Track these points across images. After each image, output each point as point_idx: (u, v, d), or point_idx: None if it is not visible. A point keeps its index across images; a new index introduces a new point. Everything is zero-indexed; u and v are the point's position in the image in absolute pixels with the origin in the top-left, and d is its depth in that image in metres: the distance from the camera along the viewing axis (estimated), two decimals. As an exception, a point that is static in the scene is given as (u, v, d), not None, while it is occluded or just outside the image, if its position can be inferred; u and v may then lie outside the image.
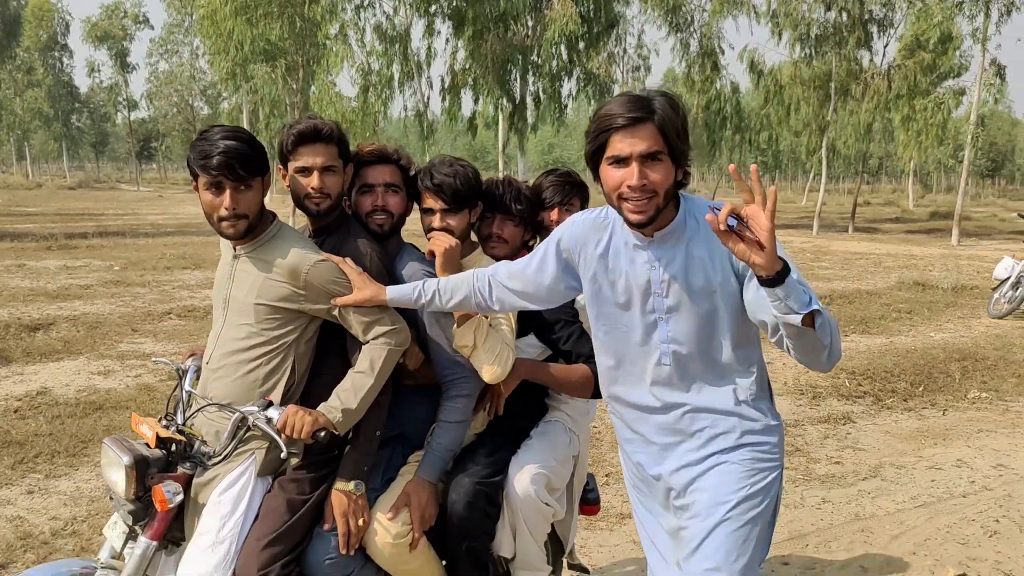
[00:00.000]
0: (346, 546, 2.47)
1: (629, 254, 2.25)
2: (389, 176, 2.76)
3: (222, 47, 25.72)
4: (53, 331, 9.03)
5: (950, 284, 13.60)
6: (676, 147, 2.07)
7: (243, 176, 2.39)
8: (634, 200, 2.07)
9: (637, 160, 2.05)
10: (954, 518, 4.69)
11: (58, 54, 59.76)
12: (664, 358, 2.27)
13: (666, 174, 2.07)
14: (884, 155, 70.28)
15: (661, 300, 2.22)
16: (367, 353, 2.51)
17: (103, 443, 2.42)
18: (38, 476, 4.98)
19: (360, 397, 2.46)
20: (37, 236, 18.53)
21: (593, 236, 2.32)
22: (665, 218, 2.17)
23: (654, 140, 2.05)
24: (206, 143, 2.39)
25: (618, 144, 2.07)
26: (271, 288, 2.50)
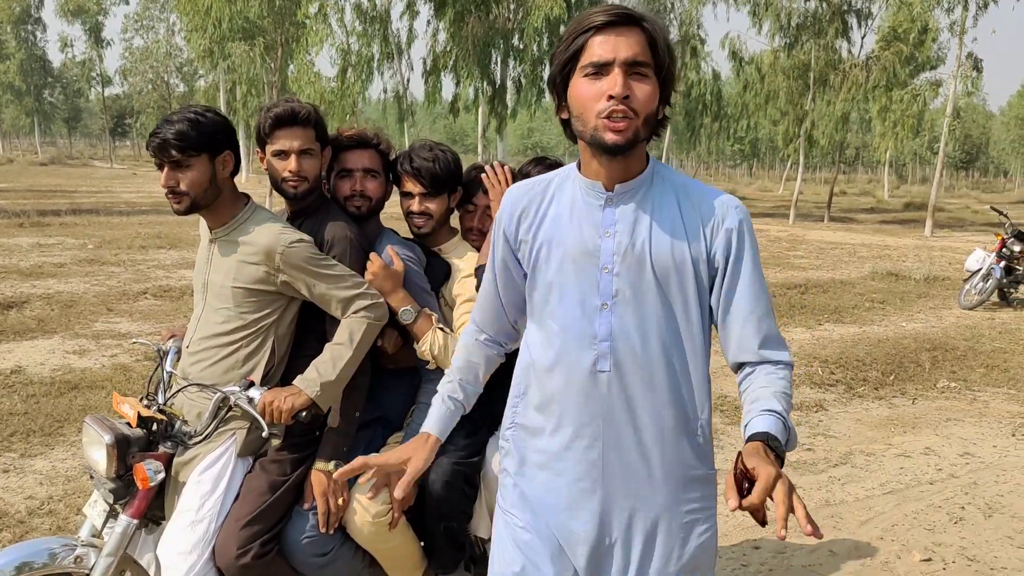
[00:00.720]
0: (325, 525, 2.51)
1: (577, 217, 1.82)
2: (368, 161, 2.77)
3: (199, 24, 25.43)
4: (27, 309, 8.95)
5: (922, 275, 13.79)
6: (664, 65, 1.72)
7: (175, 156, 2.41)
8: (613, 116, 1.67)
9: (621, 67, 1.67)
10: (921, 505, 4.79)
11: (31, 27, 58.77)
12: (602, 361, 1.80)
13: (651, 95, 1.70)
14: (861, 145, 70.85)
15: (609, 279, 1.78)
16: (345, 326, 2.54)
17: (84, 421, 2.43)
18: (13, 455, 4.96)
19: (339, 368, 2.48)
20: (8, 213, 18.28)
21: (533, 202, 1.91)
22: (634, 167, 1.79)
23: (642, 48, 1.69)
24: (156, 128, 2.45)
25: (598, 48, 1.69)
26: (247, 271, 2.51)
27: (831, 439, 5.89)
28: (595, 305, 1.79)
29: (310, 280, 2.50)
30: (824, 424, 6.21)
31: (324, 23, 24.97)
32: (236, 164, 2.57)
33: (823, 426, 6.16)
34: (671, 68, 1.74)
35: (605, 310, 1.79)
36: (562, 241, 1.83)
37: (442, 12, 24.65)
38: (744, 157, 73.36)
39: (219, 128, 2.48)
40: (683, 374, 1.81)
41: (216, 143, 2.47)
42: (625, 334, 1.78)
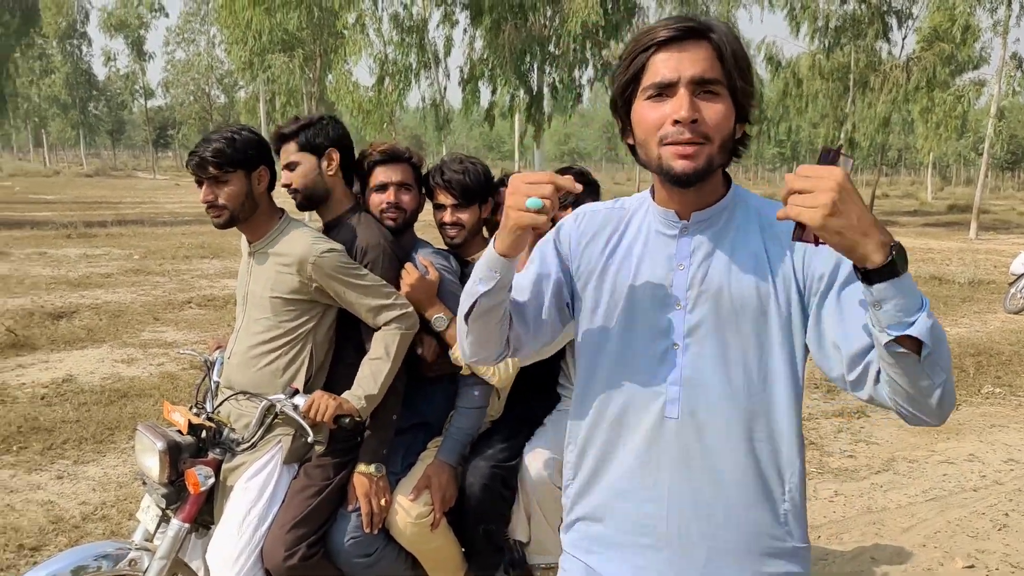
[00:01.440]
0: (369, 525, 2.59)
1: (649, 249, 1.64)
2: (401, 175, 2.86)
3: (240, 36, 25.83)
4: (76, 319, 9.18)
5: (967, 278, 13.57)
6: (737, 83, 1.52)
7: (212, 173, 2.54)
8: (679, 142, 1.48)
9: (687, 86, 1.49)
10: (964, 511, 4.74)
11: (77, 42, 60.07)
12: (670, 407, 1.59)
13: (725, 114, 1.50)
14: (903, 147, 69.81)
15: (682, 315, 1.59)
16: (380, 340, 2.62)
17: (136, 429, 2.52)
18: (67, 462, 5.11)
19: (380, 382, 2.57)
20: (56, 224, 18.73)
21: (607, 227, 1.72)
22: (712, 192, 1.60)
23: (711, 63, 1.50)
24: (194, 147, 2.59)
25: (661, 67, 1.50)
26: (283, 280, 2.61)
27: (873, 445, 5.84)
28: (665, 345, 1.60)
29: (341, 288, 2.59)
30: (866, 431, 6.16)
31: (362, 33, 25.24)
32: (272, 179, 2.68)
33: (865, 432, 6.11)
34: (746, 81, 1.54)
35: (676, 350, 1.59)
36: (634, 271, 1.64)
37: (479, 20, 24.80)
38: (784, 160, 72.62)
39: (253, 145, 2.61)
40: (767, 426, 1.57)
41: (251, 159, 2.59)
42: (699, 378, 1.57)
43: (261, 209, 2.66)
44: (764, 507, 1.58)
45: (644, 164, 1.57)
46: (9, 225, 18.96)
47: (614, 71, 1.59)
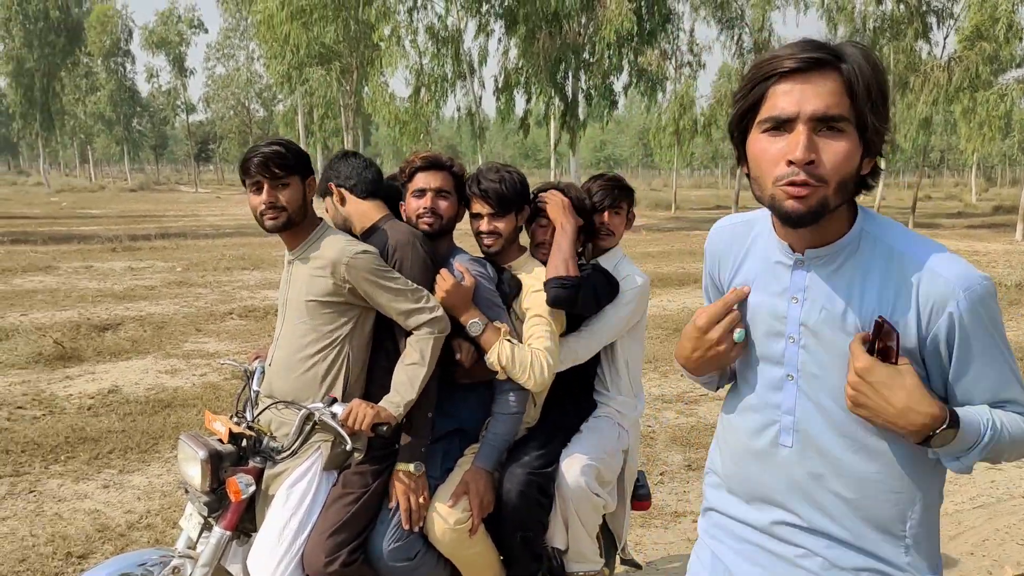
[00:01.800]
0: (408, 522, 2.61)
1: (767, 276, 1.62)
2: (440, 181, 2.89)
3: (278, 51, 26.23)
4: (121, 331, 9.35)
5: (1014, 281, 13.30)
6: (866, 118, 1.41)
7: (278, 174, 2.59)
8: (794, 184, 1.40)
9: (806, 123, 1.39)
10: (1014, 519, 4.64)
11: (121, 59, 61.28)
12: (784, 437, 1.59)
13: (848, 154, 1.40)
14: (946, 148, 68.67)
15: (795, 350, 1.56)
16: (415, 345, 2.65)
17: (179, 439, 2.57)
18: (112, 471, 5.20)
19: (417, 387, 2.61)
20: (102, 238, 19.11)
21: (732, 247, 1.72)
22: (831, 230, 1.52)
23: (837, 98, 1.39)
24: (248, 153, 2.63)
25: (781, 99, 1.41)
26: (317, 284, 2.65)
27: (918, 452, 5.74)
28: (780, 375, 1.59)
29: (373, 290, 2.62)
30: (910, 436, 6.05)
31: (398, 45, 25.48)
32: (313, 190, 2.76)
33: (909, 438, 6.01)
34: (879, 116, 1.42)
35: (791, 381, 1.58)
36: (752, 298, 1.64)
37: (513, 30, 24.91)
38: (823, 163, 71.75)
39: (303, 155, 2.70)
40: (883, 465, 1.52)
41: (305, 167, 2.68)
42: (812, 410, 1.55)
43: (308, 216, 2.72)
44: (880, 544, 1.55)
45: (758, 198, 1.51)
46: (57, 240, 19.39)
47: (734, 95, 1.51)
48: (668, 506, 4.77)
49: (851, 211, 1.52)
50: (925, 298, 1.44)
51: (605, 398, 3.10)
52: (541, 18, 23.84)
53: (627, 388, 3.10)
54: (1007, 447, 1.45)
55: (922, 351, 1.48)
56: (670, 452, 5.62)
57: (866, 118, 1.40)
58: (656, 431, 6.05)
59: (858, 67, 1.39)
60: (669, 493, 4.94)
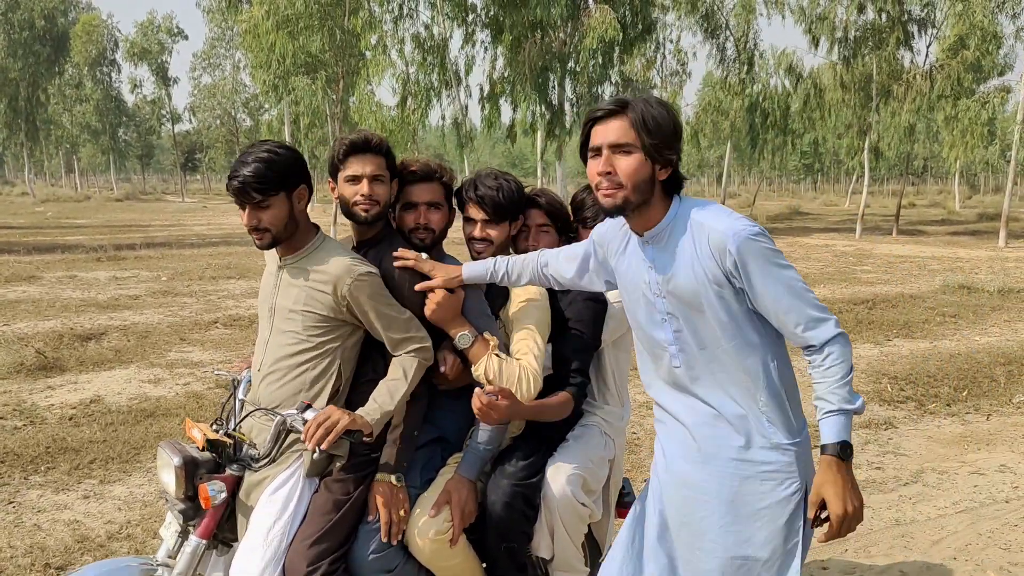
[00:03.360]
0: (387, 534, 2.57)
1: (637, 254, 2.32)
2: (432, 194, 2.86)
3: (264, 60, 26.13)
4: (104, 341, 9.29)
5: (996, 287, 13.39)
6: (647, 143, 2.13)
7: (256, 198, 2.52)
8: (603, 188, 2.17)
9: (608, 148, 2.16)
10: (996, 523, 4.65)
11: (106, 69, 61.07)
12: (674, 359, 2.29)
13: (636, 166, 2.14)
14: (929, 156, 69.15)
15: (661, 301, 2.26)
16: (399, 364, 2.64)
17: (158, 446, 2.55)
18: (93, 481, 5.16)
19: (396, 400, 2.58)
20: (87, 248, 19.01)
21: (617, 235, 2.42)
22: (652, 217, 2.23)
23: (624, 131, 2.14)
24: (233, 168, 2.56)
25: (594, 135, 2.20)
26: (316, 298, 2.61)
27: (901, 457, 5.76)
28: (658, 320, 2.29)
29: (369, 313, 2.60)
30: (894, 442, 6.08)
31: (384, 54, 25.48)
32: (309, 196, 2.69)
33: (893, 444, 6.03)
34: (663, 139, 2.14)
35: (667, 321, 2.27)
36: (634, 270, 2.33)
37: (499, 39, 24.96)
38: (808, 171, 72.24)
39: (292, 164, 2.58)
40: (732, 360, 2.20)
41: (290, 180, 2.58)
42: (684, 340, 2.24)
43: (300, 226, 2.67)
44: (736, 408, 2.23)
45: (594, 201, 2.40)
46: (41, 250, 19.27)
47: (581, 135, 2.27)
48: (652, 513, 4.76)
49: (667, 202, 2.24)
50: (715, 248, 2.11)
51: (591, 407, 3.09)
52: (527, 27, 23.90)
53: (613, 397, 3.09)
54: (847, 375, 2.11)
55: (731, 283, 2.14)
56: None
57: (647, 143, 2.13)
58: (641, 438, 6.04)
59: (644, 112, 2.13)
60: (653, 500, 4.93)
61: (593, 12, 23.60)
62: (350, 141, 2.75)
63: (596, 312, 2.91)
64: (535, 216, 2.98)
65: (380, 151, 2.76)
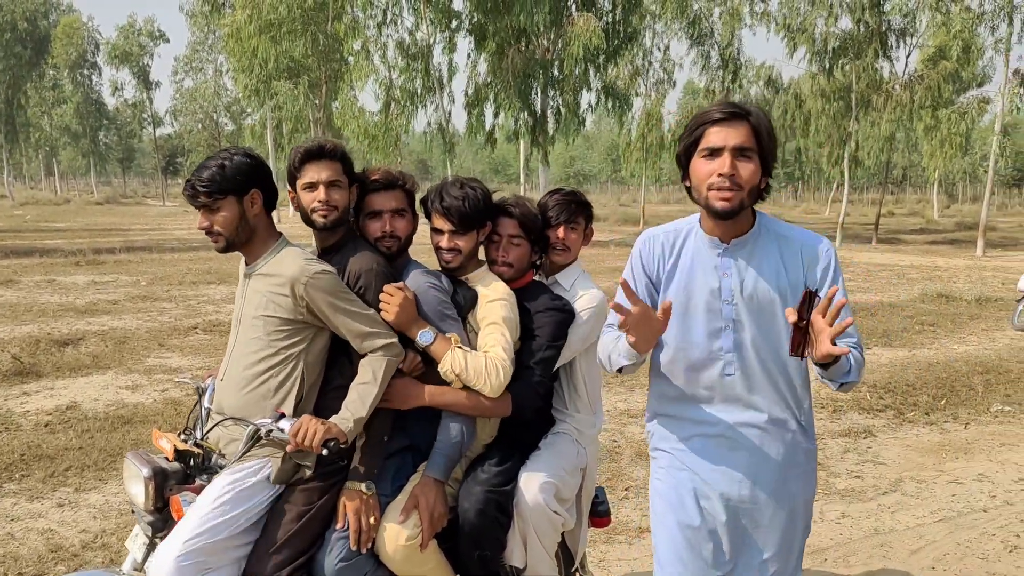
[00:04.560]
0: (357, 543, 2.54)
1: (701, 261, 2.35)
2: (396, 202, 2.84)
3: (246, 65, 26.03)
4: (82, 346, 9.19)
5: (974, 296, 13.50)
6: (766, 149, 2.21)
7: (205, 202, 2.57)
8: (721, 189, 2.18)
9: (730, 151, 2.19)
10: (975, 533, 4.67)
11: (87, 72, 60.62)
12: (729, 367, 2.33)
13: (754, 172, 2.19)
14: (908, 165, 69.69)
15: (729, 307, 2.31)
16: (368, 365, 2.61)
17: (125, 457, 2.51)
18: (68, 490, 5.09)
19: (368, 405, 2.56)
20: (66, 252, 18.83)
21: (665, 248, 2.43)
22: (742, 226, 2.31)
23: (747, 137, 2.19)
24: (192, 174, 2.60)
25: (713, 136, 2.21)
26: (274, 300, 2.60)
27: (880, 466, 5.78)
28: (719, 327, 2.33)
29: (330, 312, 2.58)
30: (873, 451, 6.10)
31: (367, 60, 25.41)
32: (267, 200, 2.68)
33: (872, 453, 6.05)
34: (772, 150, 2.23)
35: (728, 330, 2.32)
36: (693, 278, 2.36)
37: (483, 45, 24.96)
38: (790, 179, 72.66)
39: (243, 170, 2.60)
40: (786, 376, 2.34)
41: (240, 184, 2.59)
42: (744, 348, 2.32)
43: (258, 232, 2.67)
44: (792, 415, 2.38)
45: (696, 201, 2.28)
46: (19, 253, 19.08)
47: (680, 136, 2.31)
48: (633, 522, 4.76)
49: (753, 213, 2.33)
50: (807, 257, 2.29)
51: (563, 415, 3.07)
52: (510, 34, 23.91)
53: (585, 405, 3.08)
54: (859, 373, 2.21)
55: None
56: (635, 467, 5.61)
57: (766, 149, 2.22)
58: (621, 446, 6.04)
59: (760, 119, 2.22)
60: (634, 509, 4.92)
61: (577, 20, 23.63)
62: (304, 149, 2.75)
63: (559, 321, 2.88)
64: (508, 226, 2.94)
65: (335, 156, 2.75)
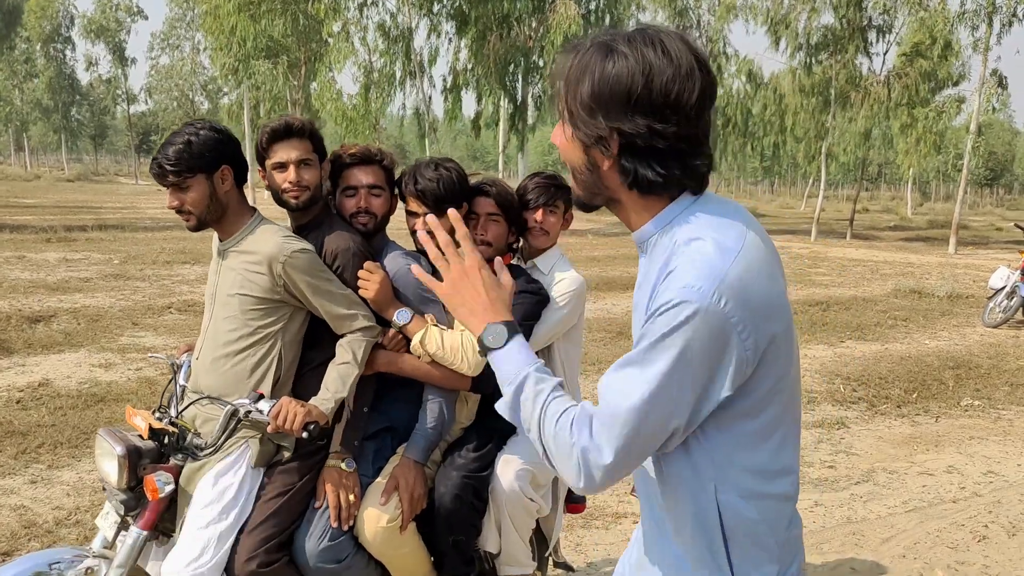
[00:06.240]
0: (337, 519, 2.53)
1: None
2: (372, 177, 2.78)
3: (224, 43, 25.79)
4: (54, 323, 9.07)
5: (946, 292, 13.67)
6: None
7: (173, 181, 2.49)
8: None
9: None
10: (944, 523, 4.74)
11: (60, 46, 59.69)
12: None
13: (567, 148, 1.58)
14: (883, 162, 70.39)
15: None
16: (347, 346, 2.58)
17: (97, 434, 2.46)
18: (40, 466, 5.02)
19: (348, 385, 2.53)
20: (36, 228, 18.55)
21: None
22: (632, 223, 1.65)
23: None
24: (158, 149, 2.53)
25: None
26: (252, 279, 2.55)
27: (853, 456, 5.85)
28: None
29: (308, 291, 2.54)
30: (846, 442, 6.17)
31: (347, 41, 25.24)
32: (238, 176, 2.61)
33: (845, 444, 6.12)
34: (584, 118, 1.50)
35: None
36: None
37: (464, 30, 24.87)
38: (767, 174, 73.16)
39: (211, 146, 2.52)
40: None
41: (209, 161, 2.51)
42: None
43: (231, 208, 2.60)
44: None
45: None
46: (-13, 229, 18.79)
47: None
48: (609, 507, 4.78)
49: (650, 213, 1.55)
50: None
51: None
52: (492, 20, 23.84)
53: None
54: (530, 425, 1.58)
55: None
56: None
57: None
58: (598, 433, 6.06)
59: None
60: (610, 494, 4.95)
61: (559, 8, 23.61)
62: (271, 128, 2.67)
63: (533, 303, 2.85)
64: (484, 205, 2.91)
65: (304, 134, 2.68)
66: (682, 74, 1.42)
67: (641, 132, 1.43)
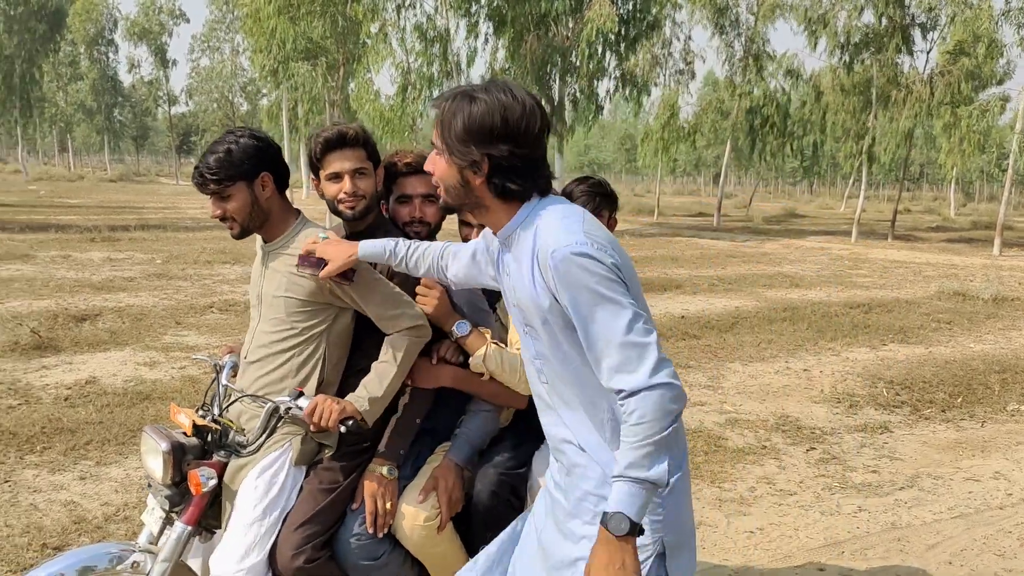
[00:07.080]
0: (373, 525, 2.54)
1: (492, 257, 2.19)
2: (427, 186, 2.79)
3: (264, 45, 26.06)
4: (100, 322, 9.24)
5: (991, 295, 13.41)
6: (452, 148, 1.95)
7: (214, 189, 2.52)
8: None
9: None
10: (991, 529, 4.66)
11: (104, 48, 60.69)
12: (541, 375, 2.06)
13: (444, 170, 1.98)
14: (926, 162, 69.30)
15: (517, 311, 2.05)
16: (389, 344, 2.59)
17: (143, 431, 2.50)
18: (89, 463, 5.12)
19: (385, 385, 2.53)
20: (81, 228, 18.89)
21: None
22: (494, 223, 2.04)
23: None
24: (200, 158, 2.56)
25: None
26: (299, 282, 2.57)
27: (897, 461, 5.77)
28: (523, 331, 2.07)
29: (356, 293, 2.56)
30: (889, 446, 6.09)
31: (385, 43, 25.39)
32: (279, 181, 2.63)
33: (888, 448, 6.04)
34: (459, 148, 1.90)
35: (526, 335, 2.06)
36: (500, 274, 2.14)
37: (502, 31, 24.89)
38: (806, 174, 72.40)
39: (250, 153, 2.54)
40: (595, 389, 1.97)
41: (248, 169, 2.54)
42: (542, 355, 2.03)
43: (274, 214, 2.62)
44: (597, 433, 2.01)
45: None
46: (34, 228, 19.17)
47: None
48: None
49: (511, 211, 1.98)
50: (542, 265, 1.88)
51: None
52: (529, 20, 23.84)
53: None
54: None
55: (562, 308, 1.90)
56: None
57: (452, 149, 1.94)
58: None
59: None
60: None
61: (594, 5, 23.53)
62: (324, 138, 2.68)
63: None
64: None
65: (358, 143, 2.69)
66: (527, 111, 1.90)
67: (504, 155, 1.89)
